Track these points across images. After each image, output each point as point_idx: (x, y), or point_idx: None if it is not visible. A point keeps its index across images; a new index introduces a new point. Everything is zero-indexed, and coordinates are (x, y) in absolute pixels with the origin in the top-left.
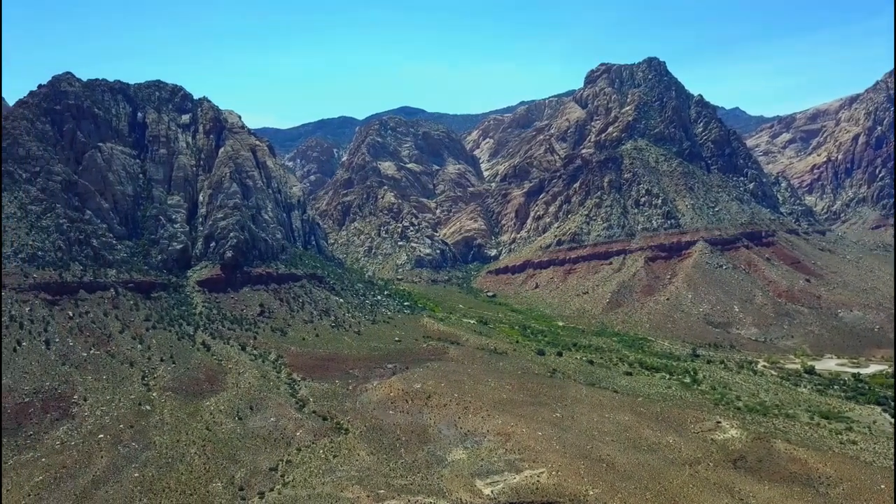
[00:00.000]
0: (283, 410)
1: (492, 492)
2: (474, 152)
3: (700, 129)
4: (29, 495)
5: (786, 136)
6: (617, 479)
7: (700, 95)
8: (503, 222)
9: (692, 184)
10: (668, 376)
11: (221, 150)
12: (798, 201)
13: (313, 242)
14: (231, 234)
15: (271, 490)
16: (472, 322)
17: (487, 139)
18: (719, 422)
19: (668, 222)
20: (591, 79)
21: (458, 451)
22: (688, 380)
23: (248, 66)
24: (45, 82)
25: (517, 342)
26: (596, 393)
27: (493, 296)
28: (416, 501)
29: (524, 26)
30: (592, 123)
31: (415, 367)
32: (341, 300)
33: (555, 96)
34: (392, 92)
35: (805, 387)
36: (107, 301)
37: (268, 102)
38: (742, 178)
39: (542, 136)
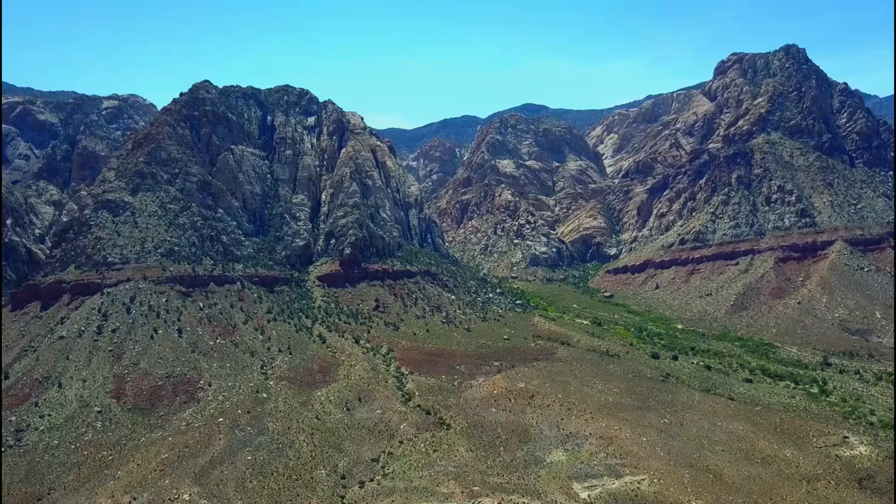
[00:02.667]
0: (389, 403)
1: (588, 496)
2: (597, 148)
3: (843, 120)
4: (155, 471)
5: None
6: (723, 492)
7: (845, 84)
8: (624, 220)
9: (831, 179)
10: (792, 385)
11: (343, 150)
12: None
13: (429, 240)
14: (350, 231)
15: (371, 480)
16: (585, 323)
17: (611, 134)
18: (846, 437)
19: (803, 221)
20: (721, 70)
21: (558, 453)
22: (815, 390)
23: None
24: (187, 91)
25: (631, 345)
26: (710, 400)
27: (610, 296)
28: (509, 500)
29: (653, 18)
30: (721, 117)
31: (521, 365)
32: (453, 297)
33: (683, 89)
34: (515, 90)
35: None
36: (233, 294)
37: (395, 104)
38: (892, 173)
39: (667, 131)
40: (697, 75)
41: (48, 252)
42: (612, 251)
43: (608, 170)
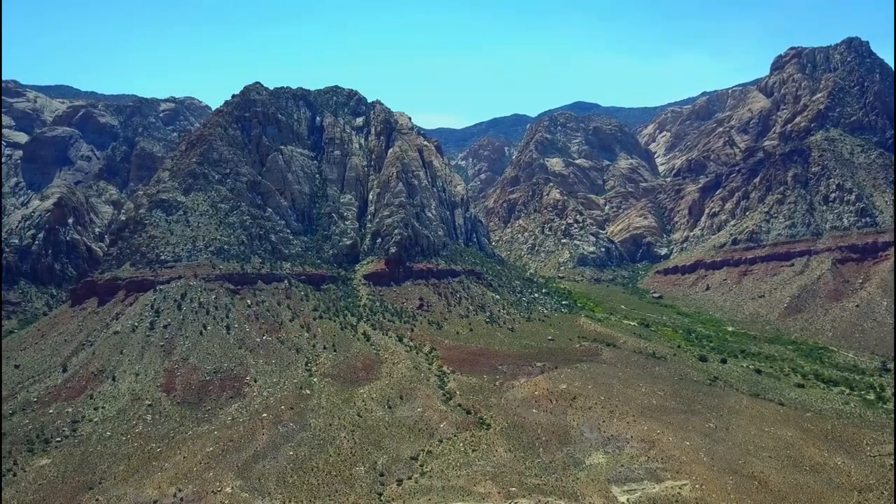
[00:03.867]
0: (430, 402)
1: (627, 500)
2: (649, 146)
3: None
4: (200, 463)
5: None
6: (769, 500)
7: None
8: (675, 219)
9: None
10: (847, 391)
11: (390, 150)
12: None
13: (475, 239)
14: (395, 230)
15: (409, 478)
16: (632, 324)
17: (664, 132)
18: None
19: (863, 220)
20: (778, 65)
21: (598, 455)
22: (871, 396)
23: (429, 68)
24: (238, 93)
25: (678, 347)
26: (758, 404)
27: (660, 297)
28: (546, 502)
29: (711, 12)
30: (778, 113)
31: (564, 366)
32: (498, 296)
33: (739, 86)
34: (566, 88)
35: None
36: (281, 291)
37: (446, 104)
38: None
39: (721, 129)
40: (754, 71)
41: (106, 250)
42: (663, 251)
43: (660, 168)
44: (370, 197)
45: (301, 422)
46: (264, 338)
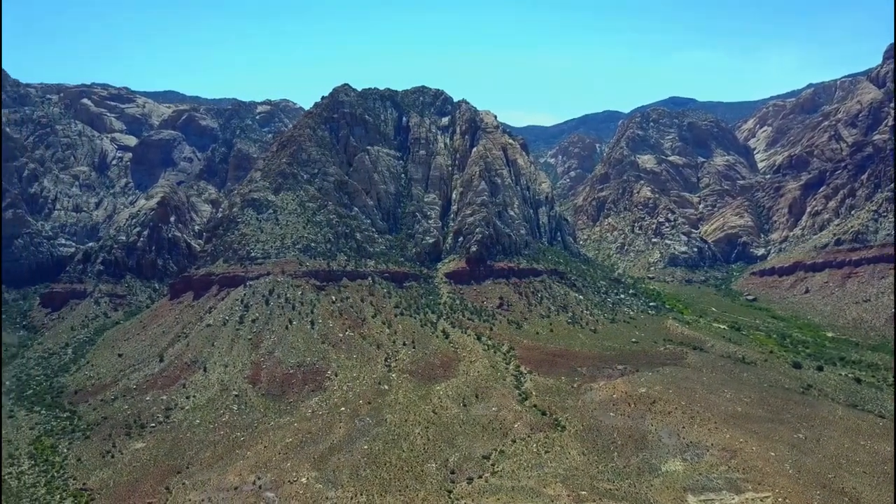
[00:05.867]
0: (505, 401)
1: None
2: (749, 142)
3: None
4: (279, 453)
5: None
6: None
7: None
8: (774, 218)
9: None
10: None
11: (474, 149)
12: None
13: (559, 238)
14: (477, 229)
15: (479, 477)
16: (722, 327)
17: (764, 127)
18: None
19: None
20: (890, 54)
21: (675, 462)
22: None
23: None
24: (327, 94)
25: (771, 352)
26: (855, 416)
27: (754, 299)
28: None
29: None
30: (890, 105)
31: (645, 370)
32: (581, 297)
33: (848, 76)
34: (660, 83)
35: None
36: (364, 288)
37: (538, 101)
38: None
39: (826, 122)
40: (865, 61)
41: (202, 246)
42: (760, 252)
43: (759, 165)
44: (453, 196)
45: (377, 416)
46: (347, 333)
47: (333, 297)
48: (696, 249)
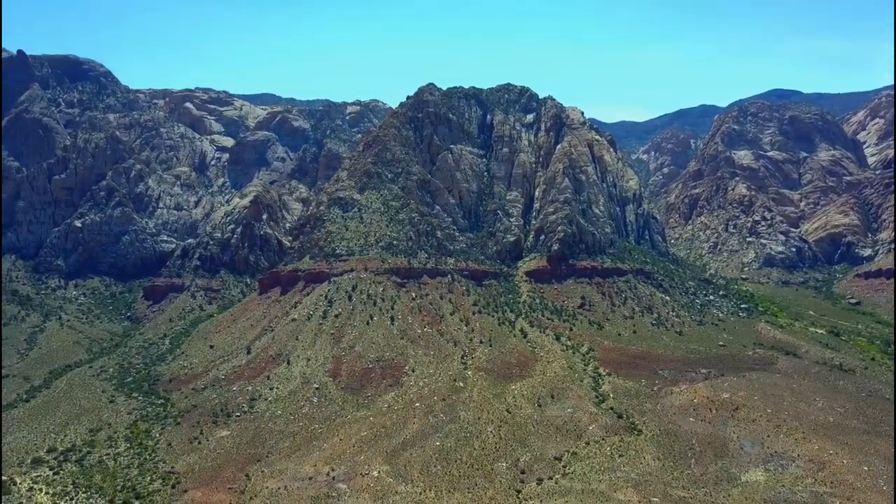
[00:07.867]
0: (581, 403)
1: None
2: (858, 135)
3: None
4: (354, 446)
5: None
6: None
7: None
8: (883, 217)
9: None
10: None
11: (559, 146)
12: None
13: (647, 237)
14: (559, 227)
15: (550, 478)
16: (819, 332)
17: (876, 119)
18: None
19: None
20: None
21: (757, 472)
22: None
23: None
24: (413, 94)
25: (872, 360)
26: None
27: (857, 303)
28: None
29: None
30: None
31: (730, 374)
32: (667, 298)
33: None
34: (761, 75)
35: None
36: (444, 286)
37: (631, 96)
38: None
39: None
40: None
41: (291, 243)
42: (866, 252)
43: (869, 160)
44: (536, 193)
45: (451, 413)
46: (425, 329)
47: (413, 294)
48: (794, 249)
